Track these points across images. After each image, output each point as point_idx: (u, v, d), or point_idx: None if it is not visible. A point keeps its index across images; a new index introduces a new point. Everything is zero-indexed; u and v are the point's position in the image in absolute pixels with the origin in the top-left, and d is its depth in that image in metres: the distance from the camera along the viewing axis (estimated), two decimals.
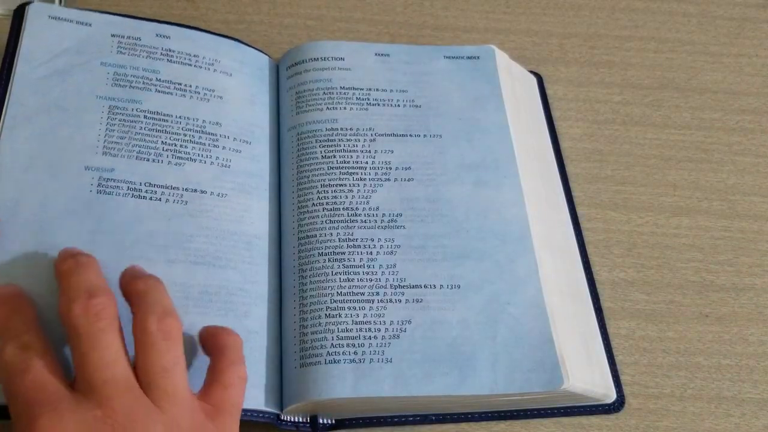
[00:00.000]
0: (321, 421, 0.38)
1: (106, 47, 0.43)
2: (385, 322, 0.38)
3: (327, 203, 0.42)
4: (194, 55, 0.45)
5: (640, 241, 0.47)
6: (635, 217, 0.48)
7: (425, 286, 0.40)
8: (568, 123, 0.52)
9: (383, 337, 0.38)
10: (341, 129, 0.44)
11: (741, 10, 0.59)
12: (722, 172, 0.51)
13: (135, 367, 0.31)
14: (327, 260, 0.40)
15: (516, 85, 0.49)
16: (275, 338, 0.39)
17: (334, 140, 0.44)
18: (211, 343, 0.34)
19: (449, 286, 0.40)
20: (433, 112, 0.46)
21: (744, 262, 0.47)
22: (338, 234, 0.41)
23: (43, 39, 0.42)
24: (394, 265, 0.40)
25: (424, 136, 0.45)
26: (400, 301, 0.39)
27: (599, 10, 0.58)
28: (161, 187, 0.40)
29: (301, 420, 0.38)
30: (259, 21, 0.54)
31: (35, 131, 0.39)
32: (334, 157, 0.43)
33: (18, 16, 0.42)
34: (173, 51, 0.44)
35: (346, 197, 0.42)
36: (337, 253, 0.40)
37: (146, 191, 0.39)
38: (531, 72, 0.53)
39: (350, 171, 0.43)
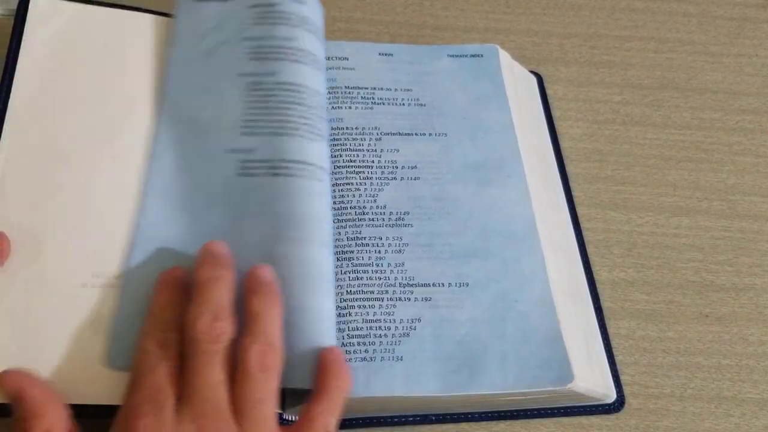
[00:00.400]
0: None
1: (246, 20, 0.43)
2: (395, 320, 0.38)
3: (335, 201, 0.42)
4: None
5: (640, 241, 0.47)
6: (635, 217, 0.48)
7: (434, 285, 0.40)
8: (568, 123, 0.52)
9: (393, 336, 0.38)
10: (347, 128, 0.44)
11: (741, 10, 0.59)
12: (722, 172, 0.51)
13: (233, 392, 0.32)
14: (336, 259, 0.40)
15: (518, 85, 0.49)
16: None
17: (340, 139, 0.44)
18: (319, 377, 0.34)
19: (457, 284, 0.40)
20: (438, 111, 0.46)
21: (744, 262, 0.47)
22: (346, 233, 0.41)
23: (191, 21, 0.43)
24: (403, 264, 0.40)
25: (429, 134, 0.45)
26: (409, 299, 0.39)
27: (599, 10, 0.58)
28: (297, 162, 0.39)
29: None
30: None
31: (183, 116, 0.40)
32: (341, 155, 0.43)
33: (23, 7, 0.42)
34: (308, 18, 0.44)
35: (354, 196, 0.42)
36: (346, 252, 0.40)
37: (282, 168, 0.39)
38: (531, 72, 0.53)
39: (357, 170, 0.43)
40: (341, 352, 0.35)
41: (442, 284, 0.40)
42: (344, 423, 0.39)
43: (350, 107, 0.45)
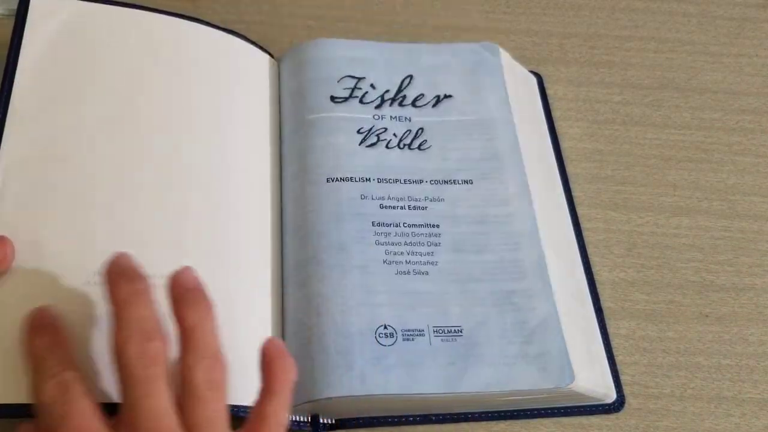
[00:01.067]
0: (322, 421, 0.38)
1: None
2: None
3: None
4: None
5: (640, 241, 0.47)
6: (635, 217, 0.48)
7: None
8: (568, 123, 0.52)
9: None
10: None
11: (741, 10, 0.59)
12: (722, 172, 0.51)
13: (180, 410, 0.30)
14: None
15: (518, 85, 0.49)
16: (278, 335, 0.39)
17: None
18: (265, 373, 0.33)
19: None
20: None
21: (744, 262, 0.47)
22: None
23: None
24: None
25: None
26: None
27: (599, 10, 0.58)
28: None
29: (301, 419, 0.38)
30: (259, 21, 0.54)
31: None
32: None
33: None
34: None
35: None
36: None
37: None
38: (531, 72, 0.53)
39: None
40: (281, 343, 0.34)
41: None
42: (344, 423, 0.39)
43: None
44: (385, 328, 0.38)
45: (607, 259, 0.46)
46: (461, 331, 0.38)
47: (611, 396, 0.41)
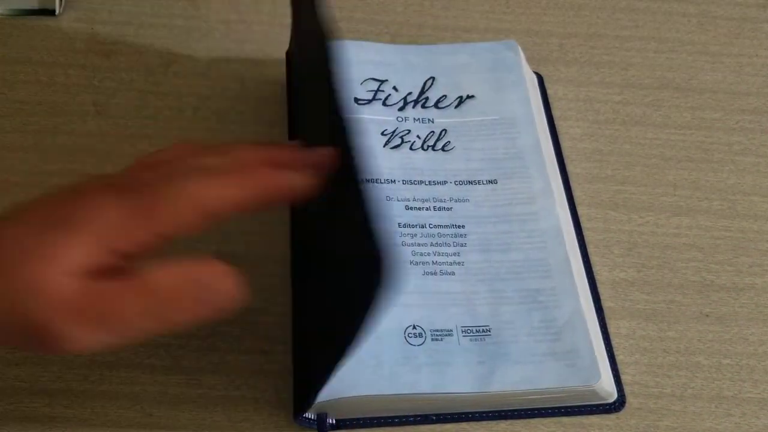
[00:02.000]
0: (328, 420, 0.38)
1: None
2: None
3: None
4: None
5: (640, 240, 0.47)
6: (635, 217, 0.48)
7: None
8: (568, 123, 0.52)
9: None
10: None
11: (741, 10, 0.59)
12: (722, 172, 0.51)
13: None
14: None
15: (529, 84, 0.49)
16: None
17: None
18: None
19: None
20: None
21: (744, 262, 0.47)
22: None
23: None
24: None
25: None
26: None
27: (599, 10, 0.58)
28: None
29: (311, 417, 0.38)
30: (259, 21, 0.54)
31: None
32: None
33: None
34: None
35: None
36: None
37: None
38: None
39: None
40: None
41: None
42: (345, 423, 0.39)
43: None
44: (414, 328, 0.38)
45: (607, 258, 0.46)
46: (489, 331, 0.38)
47: (612, 396, 0.41)
